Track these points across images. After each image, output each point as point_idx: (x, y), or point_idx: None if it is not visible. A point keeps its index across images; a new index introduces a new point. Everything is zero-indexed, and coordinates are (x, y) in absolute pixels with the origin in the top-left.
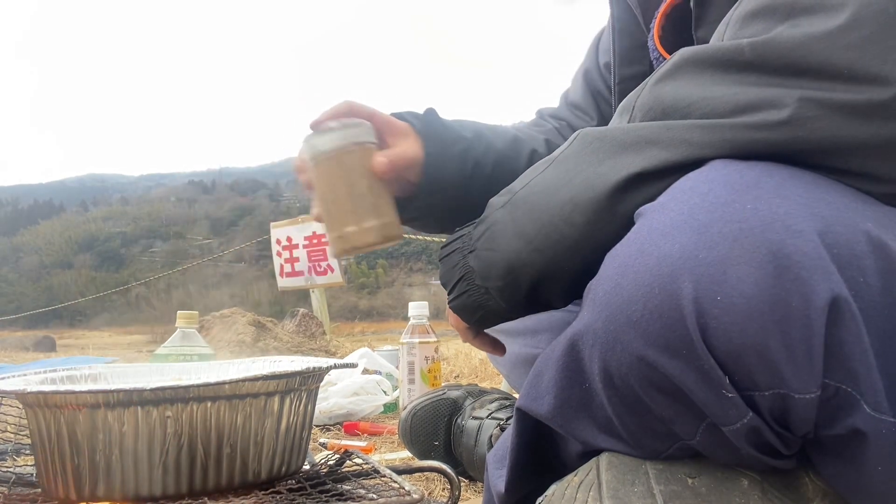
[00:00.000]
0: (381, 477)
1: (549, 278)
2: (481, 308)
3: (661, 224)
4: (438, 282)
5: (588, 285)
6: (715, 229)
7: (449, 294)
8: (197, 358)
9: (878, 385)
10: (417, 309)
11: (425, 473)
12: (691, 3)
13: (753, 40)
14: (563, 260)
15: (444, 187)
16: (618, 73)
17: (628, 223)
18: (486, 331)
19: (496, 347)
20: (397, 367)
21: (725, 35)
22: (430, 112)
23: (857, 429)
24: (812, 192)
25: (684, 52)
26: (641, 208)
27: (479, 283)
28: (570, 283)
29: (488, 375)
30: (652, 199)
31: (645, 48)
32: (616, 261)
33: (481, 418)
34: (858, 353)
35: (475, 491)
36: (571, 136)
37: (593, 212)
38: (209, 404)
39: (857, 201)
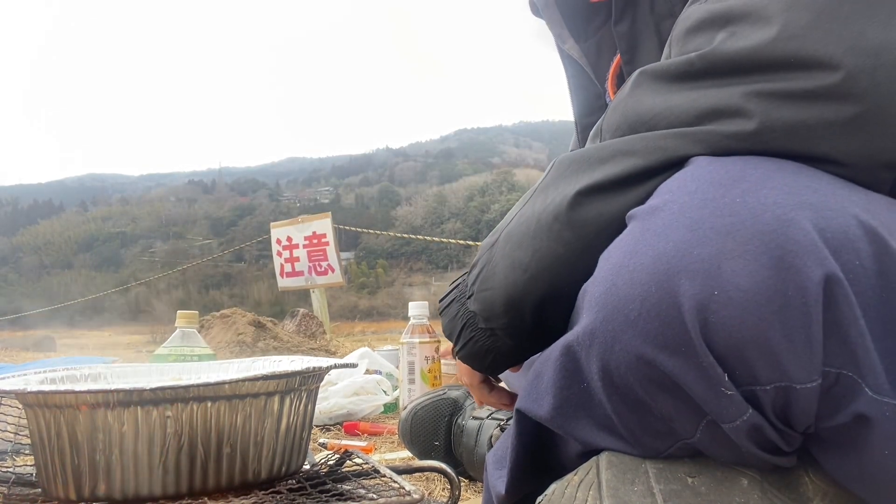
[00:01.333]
0: (381, 477)
1: (550, 302)
2: (490, 351)
3: (652, 224)
4: (438, 283)
5: (583, 287)
6: (707, 225)
7: (455, 345)
8: (197, 358)
9: (879, 367)
10: (417, 309)
11: (425, 473)
12: (622, 58)
13: (700, 52)
14: (561, 280)
15: None
16: (579, 123)
17: (618, 230)
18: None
19: (514, 401)
20: (397, 367)
21: (672, 53)
22: None
23: (861, 414)
24: (798, 180)
25: (641, 71)
26: (632, 211)
27: (484, 326)
28: (573, 305)
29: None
30: (637, 203)
31: (601, 97)
32: (610, 262)
33: (481, 418)
34: (856, 334)
35: (475, 491)
36: (549, 165)
37: (580, 223)
38: (209, 404)
39: (843, 188)
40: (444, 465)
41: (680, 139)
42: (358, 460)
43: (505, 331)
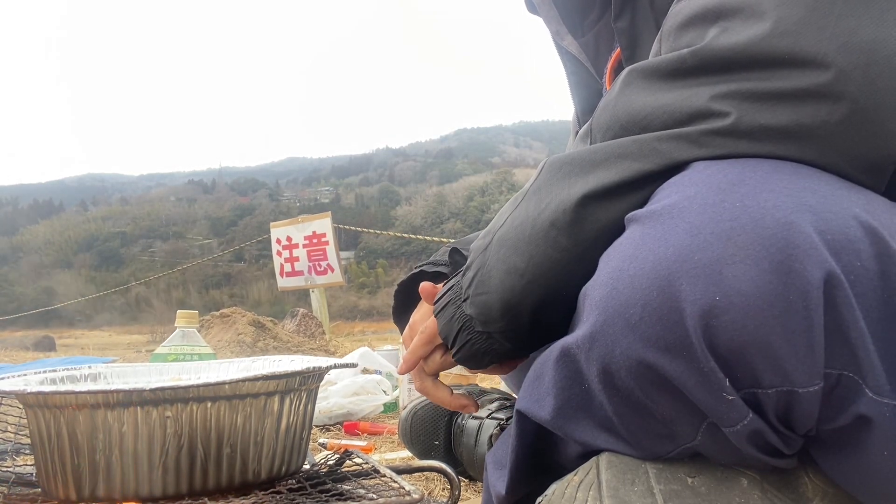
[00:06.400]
0: (381, 477)
1: (548, 306)
2: (488, 353)
3: (652, 228)
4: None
5: (583, 290)
6: (707, 230)
7: (452, 347)
8: (197, 357)
9: (879, 368)
10: None
11: (425, 473)
12: (622, 54)
13: (693, 48)
14: (558, 285)
15: None
16: (580, 120)
17: (616, 233)
18: None
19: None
20: (397, 367)
21: (662, 49)
22: None
23: (862, 415)
24: (797, 182)
25: (630, 68)
26: (631, 214)
27: (481, 329)
28: (570, 308)
29: (488, 375)
30: (634, 208)
31: (601, 94)
32: (610, 265)
33: (481, 418)
34: (856, 335)
35: (475, 491)
36: (539, 167)
37: (577, 230)
38: (209, 404)
39: (842, 188)
40: (444, 465)
41: (674, 141)
42: (358, 460)
43: (502, 334)
